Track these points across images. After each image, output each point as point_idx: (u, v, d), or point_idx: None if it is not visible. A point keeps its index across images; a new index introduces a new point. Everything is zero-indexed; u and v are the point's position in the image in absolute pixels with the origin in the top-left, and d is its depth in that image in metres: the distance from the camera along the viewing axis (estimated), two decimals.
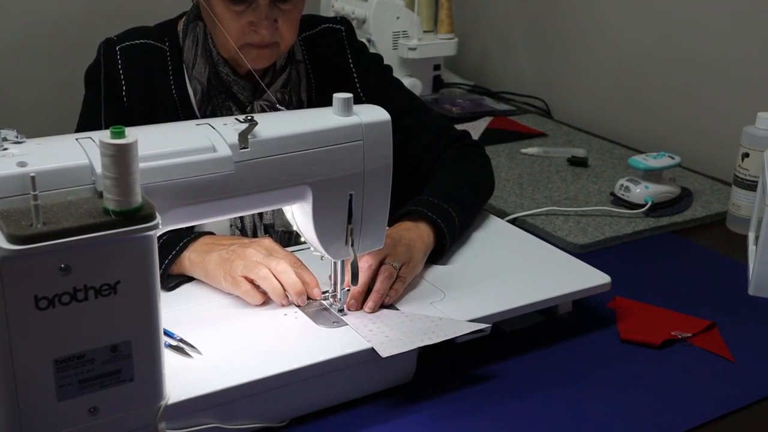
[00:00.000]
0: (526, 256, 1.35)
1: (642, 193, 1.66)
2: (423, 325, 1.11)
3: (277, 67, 1.37)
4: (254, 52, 1.29)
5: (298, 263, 1.17)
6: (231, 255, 1.17)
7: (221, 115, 1.34)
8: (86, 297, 0.84)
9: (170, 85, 1.35)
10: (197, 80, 1.34)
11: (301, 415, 1.05)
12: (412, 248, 1.22)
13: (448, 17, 2.40)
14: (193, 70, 1.34)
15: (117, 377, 0.89)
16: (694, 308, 1.33)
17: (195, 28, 1.35)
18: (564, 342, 1.24)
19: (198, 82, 1.34)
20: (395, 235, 1.23)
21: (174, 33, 1.38)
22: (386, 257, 1.18)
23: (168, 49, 1.36)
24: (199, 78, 1.34)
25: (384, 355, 1.03)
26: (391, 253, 1.19)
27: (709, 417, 1.08)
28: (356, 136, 1.06)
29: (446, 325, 1.11)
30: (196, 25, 1.35)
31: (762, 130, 1.58)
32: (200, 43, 1.34)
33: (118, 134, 0.82)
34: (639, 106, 2.20)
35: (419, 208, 1.30)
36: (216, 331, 1.10)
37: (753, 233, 1.52)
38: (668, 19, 2.09)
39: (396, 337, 1.07)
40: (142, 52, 1.35)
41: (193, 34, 1.35)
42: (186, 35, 1.36)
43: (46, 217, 0.82)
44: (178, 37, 1.37)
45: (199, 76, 1.34)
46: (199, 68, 1.34)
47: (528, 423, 1.06)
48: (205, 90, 1.34)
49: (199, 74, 1.34)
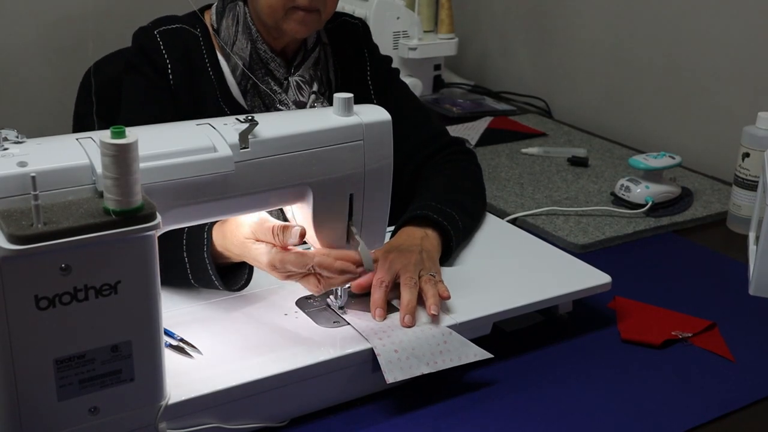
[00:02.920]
0: (526, 256, 1.35)
1: (642, 193, 1.66)
2: (432, 342, 1.09)
3: (308, 46, 1.45)
4: (300, 15, 1.35)
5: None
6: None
7: (262, 90, 1.41)
8: (87, 297, 0.84)
9: (206, 66, 1.41)
10: (238, 56, 1.40)
11: (301, 415, 1.05)
12: (434, 259, 1.24)
13: (448, 17, 2.40)
14: (233, 46, 1.40)
15: (117, 377, 0.89)
16: (694, 308, 1.33)
17: (234, 7, 1.41)
18: (564, 342, 1.24)
19: (239, 57, 1.40)
20: (416, 248, 1.24)
21: (201, 21, 1.44)
22: (421, 270, 1.19)
23: (200, 35, 1.43)
24: (240, 53, 1.40)
25: (389, 381, 1.03)
26: (424, 266, 1.20)
27: (709, 417, 1.08)
28: (356, 136, 1.06)
29: (454, 345, 1.10)
30: (235, 4, 1.41)
31: (762, 130, 1.58)
32: (241, 21, 1.40)
33: (118, 134, 0.82)
34: (639, 106, 2.20)
35: (426, 212, 1.31)
36: (216, 331, 1.10)
37: (753, 233, 1.52)
38: (668, 19, 2.09)
39: (404, 357, 1.06)
40: (179, 34, 1.41)
41: (232, 13, 1.41)
42: (223, 16, 1.42)
43: (47, 217, 0.82)
44: (205, 25, 1.44)
45: (240, 52, 1.40)
46: (240, 44, 1.40)
47: (528, 423, 1.06)
48: (247, 65, 1.40)
49: (241, 50, 1.40)
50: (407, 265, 1.19)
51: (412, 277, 1.17)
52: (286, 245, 1.07)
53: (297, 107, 1.42)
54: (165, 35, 1.40)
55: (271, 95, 1.41)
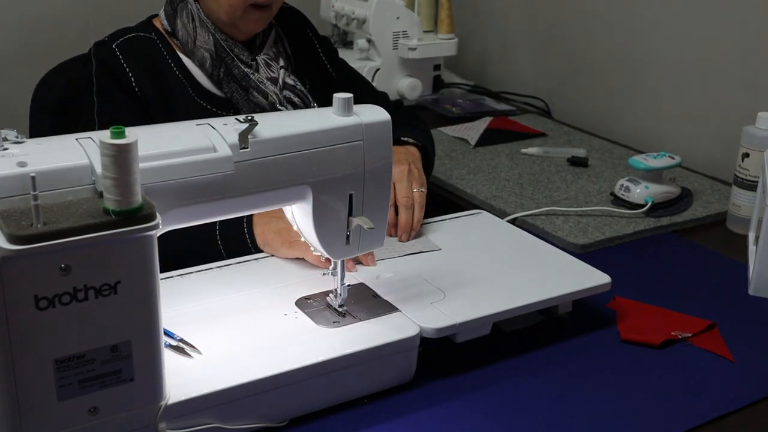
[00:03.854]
0: (526, 256, 1.35)
1: (642, 193, 1.66)
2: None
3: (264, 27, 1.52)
4: (256, 14, 1.43)
5: None
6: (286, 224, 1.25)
7: (236, 74, 1.46)
8: (86, 297, 0.84)
9: (172, 67, 1.45)
10: (203, 49, 1.45)
11: (301, 415, 1.05)
12: (420, 169, 1.47)
13: (448, 17, 2.40)
14: (195, 42, 1.45)
15: (117, 377, 0.89)
16: (694, 308, 1.33)
17: (185, 6, 1.45)
18: (564, 342, 1.24)
19: (205, 50, 1.45)
20: (403, 159, 1.44)
21: (153, 27, 1.49)
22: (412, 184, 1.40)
23: (156, 39, 1.46)
24: (205, 46, 1.45)
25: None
26: (414, 180, 1.41)
27: (709, 417, 1.08)
28: (356, 136, 1.06)
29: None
30: (185, 4, 1.45)
31: (762, 130, 1.58)
32: (196, 18, 1.45)
33: (118, 134, 0.82)
34: (639, 106, 2.20)
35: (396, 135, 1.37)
36: (216, 331, 1.10)
37: (753, 233, 1.52)
38: (668, 18, 2.09)
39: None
40: (137, 43, 1.44)
41: (185, 12, 1.46)
42: (175, 16, 1.46)
43: (46, 217, 0.82)
44: (159, 30, 1.47)
45: (204, 45, 1.45)
46: (202, 38, 1.45)
47: (528, 423, 1.06)
48: (214, 55, 1.45)
49: (205, 43, 1.45)
50: (401, 180, 1.40)
51: (407, 197, 1.38)
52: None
53: (272, 83, 1.49)
54: (123, 47, 1.43)
55: (248, 77, 1.46)
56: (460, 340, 1.13)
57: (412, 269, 1.27)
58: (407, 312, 1.14)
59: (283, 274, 1.25)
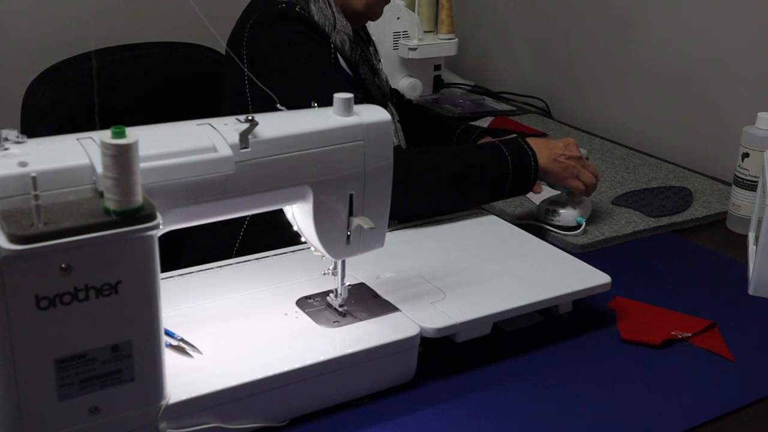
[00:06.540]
0: (526, 256, 1.35)
1: (570, 213, 1.57)
2: None
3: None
4: (384, 3, 1.60)
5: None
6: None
7: (368, 57, 1.62)
8: (87, 297, 0.84)
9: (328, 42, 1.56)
10: (343, 33, 1.56)
11: (301, 415, 1.05)
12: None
13: (448, 17, 2.40)
14: (335, 26, 1.55)
15: (118, 377, 0.89)
16: (694, 308, 1.33)
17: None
18: (564, 342, 1.24)
19: (344, 33, 1.56)
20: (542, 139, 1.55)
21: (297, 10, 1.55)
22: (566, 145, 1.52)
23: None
24: (344, 30, 1.56)
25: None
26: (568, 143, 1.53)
27: (709, 417, 1.09)
28: (357, 136, 1.06)
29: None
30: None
31: (762, 130, 1.58)
32: (332, 4, 1.56)
33: (118, 134, 0.82)
34: (639, 106, 2.21)
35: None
36: (216, 331, 1.10)
37: (753, 233, 1.52)
38: (668, 18, 2.09)
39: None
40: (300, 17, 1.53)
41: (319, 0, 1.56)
42: (308, 2, 1.54)
43: (47, 217, 0.82)
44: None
45: (344, 29, 1.56)
46: (341, 22, 1.56)
47: (528, 423, 1.06)
48: (352, 38, 1.57)
49: (344, 27, 1.56)
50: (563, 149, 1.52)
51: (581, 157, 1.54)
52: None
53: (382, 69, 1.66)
54: (299, 11, 1.50)
55: (374, 62, 1.61)
56: (460, 340, 1.13)
57: (412, 269, 1.28)
58: (407, 312, 1.14)
59: (283, 274, 1.25)
